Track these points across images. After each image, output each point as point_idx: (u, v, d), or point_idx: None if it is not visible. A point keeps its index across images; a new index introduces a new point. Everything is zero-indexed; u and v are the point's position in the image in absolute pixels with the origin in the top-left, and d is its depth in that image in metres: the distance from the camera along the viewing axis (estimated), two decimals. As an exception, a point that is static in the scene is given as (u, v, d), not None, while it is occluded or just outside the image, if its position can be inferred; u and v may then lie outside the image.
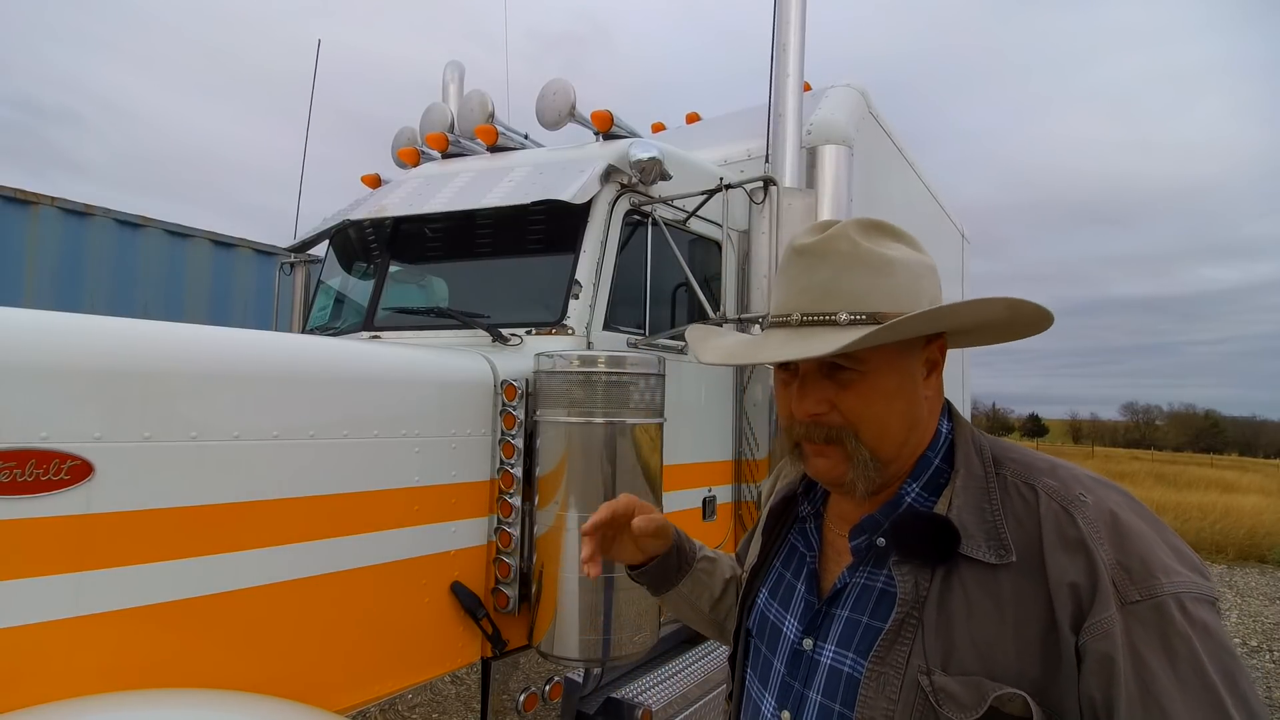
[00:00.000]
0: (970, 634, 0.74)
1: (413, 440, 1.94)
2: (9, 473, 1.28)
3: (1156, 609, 0.69)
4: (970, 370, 6.84)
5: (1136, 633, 0.69)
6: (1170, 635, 0.68)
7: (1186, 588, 0.70)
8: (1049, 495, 0.78)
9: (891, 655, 0.78)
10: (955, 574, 0.77)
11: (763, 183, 2.82)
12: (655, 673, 2.69)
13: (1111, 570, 0.71)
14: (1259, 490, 16.49)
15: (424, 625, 1.95)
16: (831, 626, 0.86)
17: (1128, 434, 77.18)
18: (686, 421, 2.78)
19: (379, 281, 2.91)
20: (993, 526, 0.78)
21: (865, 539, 0.86)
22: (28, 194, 4.99)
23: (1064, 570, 0.72)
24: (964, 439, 0.87)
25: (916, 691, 0.75)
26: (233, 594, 1.55)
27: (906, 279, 0.82)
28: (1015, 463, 0.83)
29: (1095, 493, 0.77)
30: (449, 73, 3.87)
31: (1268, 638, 6.25)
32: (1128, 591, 0.70)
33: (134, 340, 1.53)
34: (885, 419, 0.83)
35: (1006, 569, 0.75)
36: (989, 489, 0.81)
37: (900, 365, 0.84)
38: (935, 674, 0.74)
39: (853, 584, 0.87)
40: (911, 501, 0.85)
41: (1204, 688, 0.67)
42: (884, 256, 0.82)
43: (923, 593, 0.78)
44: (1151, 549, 0.72)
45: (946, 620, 0.76)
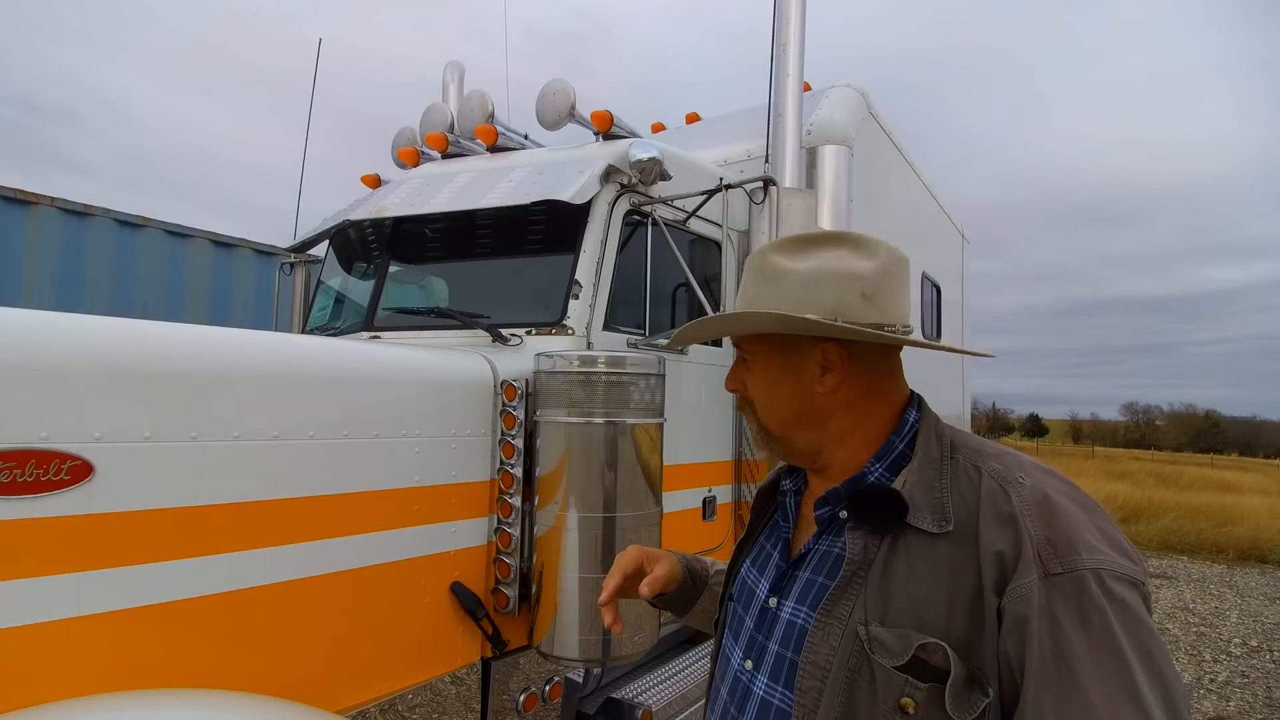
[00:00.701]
0: (908, 593, 0.84)
1: (413, 440, 1.94)
2: (9, 473, 1.28)
3: (1076, 581, 0.75)
4: (970, 370, 6.85)
5: (1056, 601, 0.75)
6: (1086, 606, 0.74)
7: (1107, 565, 0.76)
8: (990, 475, 0.87)
9: (837, 609, 0.88)
10: (901, 541, 0.87)
11: (762, 183, 2.82)
12: (655, 673, 2.69)
13: (1038, 544, 0.78)
14: (1259, 490, 16.50)
15: (424, 625, 1.95)
16: (794, 586, 0.97)
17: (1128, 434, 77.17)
18: (686, 421, 2.78)
19: (379, 281, 2.91)
20: (938, 501, 0.87)
21: (828, 509, 0.97)
22: (28, 194, 4.99)
23: (994, 540, 0.80)
24: (927, 427, 0.97)
25: (854, 640, 0.85)
26: (233, 594, 1.55)
27: (794, 288, 0.94)
28: (968, 448, 0.93)
29: (1034, 477, 0.86)
30: (449, 73, 3.87)
31: (1268, 638, 6.25)
32: (1051, 564, 0.77)
33: (134, 340, 1.53)
34: (768, 402, 1.01)
35: (945, 538, 0.84)
36: (942, 470, 0.90)
37: (781, 361, 0.99)
38: (872, 625, 0.84)
39: (815, 550, 0.98)
40: (874, 479, 0.95)
41: (1114, 655, 0.72)
42: (778, 269, 0.96)
43: (871, 555, 0.88)
44: (1078, 528, 0.79)
45: (888, 580, 0.85)
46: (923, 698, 0.79)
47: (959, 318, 6.28)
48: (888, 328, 0.92)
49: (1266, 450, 63.49)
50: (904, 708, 0.80)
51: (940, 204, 5.66)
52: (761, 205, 2.85)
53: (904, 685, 0.80)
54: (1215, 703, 4.81)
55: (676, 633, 3.01)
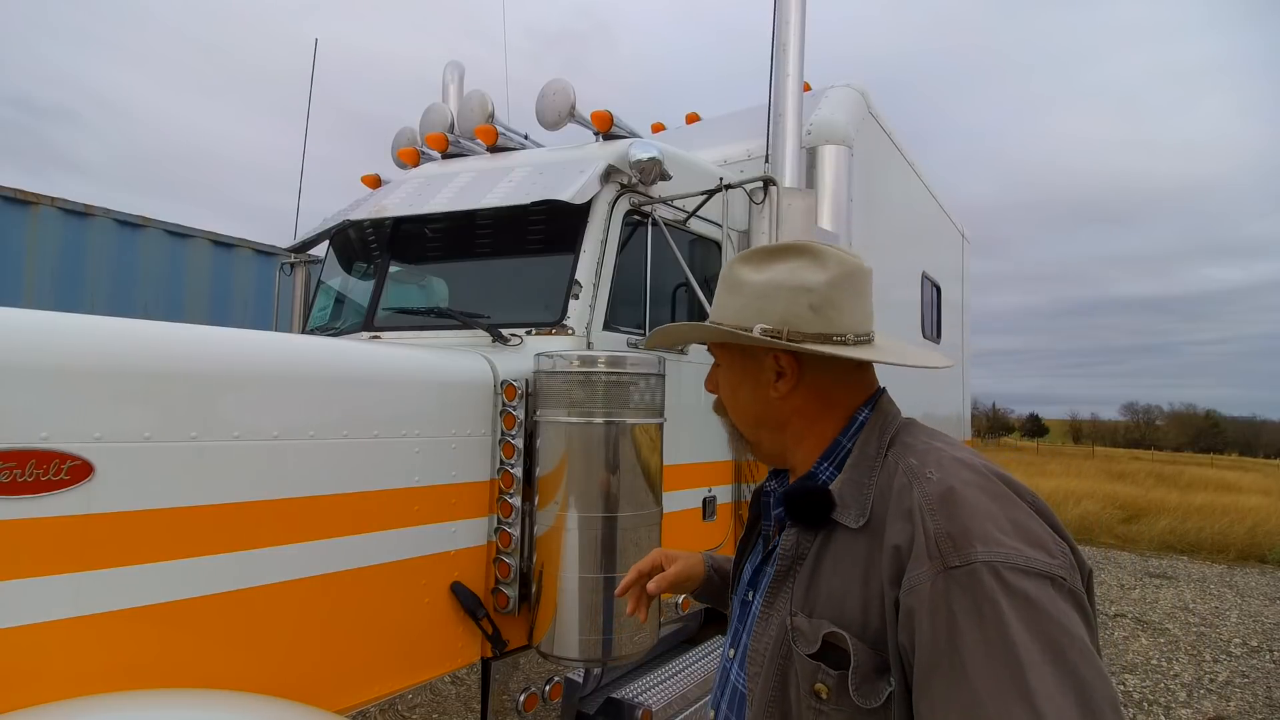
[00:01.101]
0: (829, 587, 0.90)
1: (413, 440, 1.94)
2: (9, 473, 1.28)
3: (970, 574, 0.75)
4: (970, 371, 6.85)
5: (954, 595, 0.75)
6: (980, 599, 0.74)
7: (1005, 557, 0.75)
8: (903, 471, 0.90)
9: (776, 601, 0.95)
10: (832, 537, 0.92)
11: (762, 183, 2.82)
12: (655, 673, 2.69)
13: (938, 538, 0.79)
14: (1259, 490, 16.49)
15: (424, 625, 1.95)
16: (763, 580, 1.03)
17: (1128, 434, 77.15)
18: (686, 421, 2.78)
19: (379, 281, 2.91)
20: (864, 498, 0.91)
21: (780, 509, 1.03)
22: (28, 194, 4.99)
23: (894, 535, 0.84)
24: (871, 426, 1.00)
25: (783, 630, 0.92)
26: (233, 594, 1.55)
27: (751, 298, 1.00)
28: (902, 445, 0.95)
29: (944, 470, 0.86)
30: (449, 73, 3.87)
31: (1268, 638, 6.25)
32: (950, 557, 0.77)
33: (134, 340, 1.53)
34: (733, 404, 1.08)
35: (863, 532, 0.89)
36: (873, 467, 0.94)
37: (741, 366, 1.06)
38: (797, 616, 0.91)
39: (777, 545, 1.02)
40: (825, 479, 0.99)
41: (1005, 650, 0.71)
42: (739, 280, 1.02)
43: (804, 550, 0.94)
44: (980, 522, 0.79)
45: (816, 574, 0.92)
46: (833, 683, 0.85)
47: (959, 317, 6.28)
48: (835, 338, 0.96)
49: (1266, 450, 63.47)
50: (818, 692, 0.86)
51: (940, 204, 5.66)
52: (761, 205, 2.85)
53: (816, 671, 0.86)
54: (1215, 703, 4.81)
55: (676, 633, 3.01)
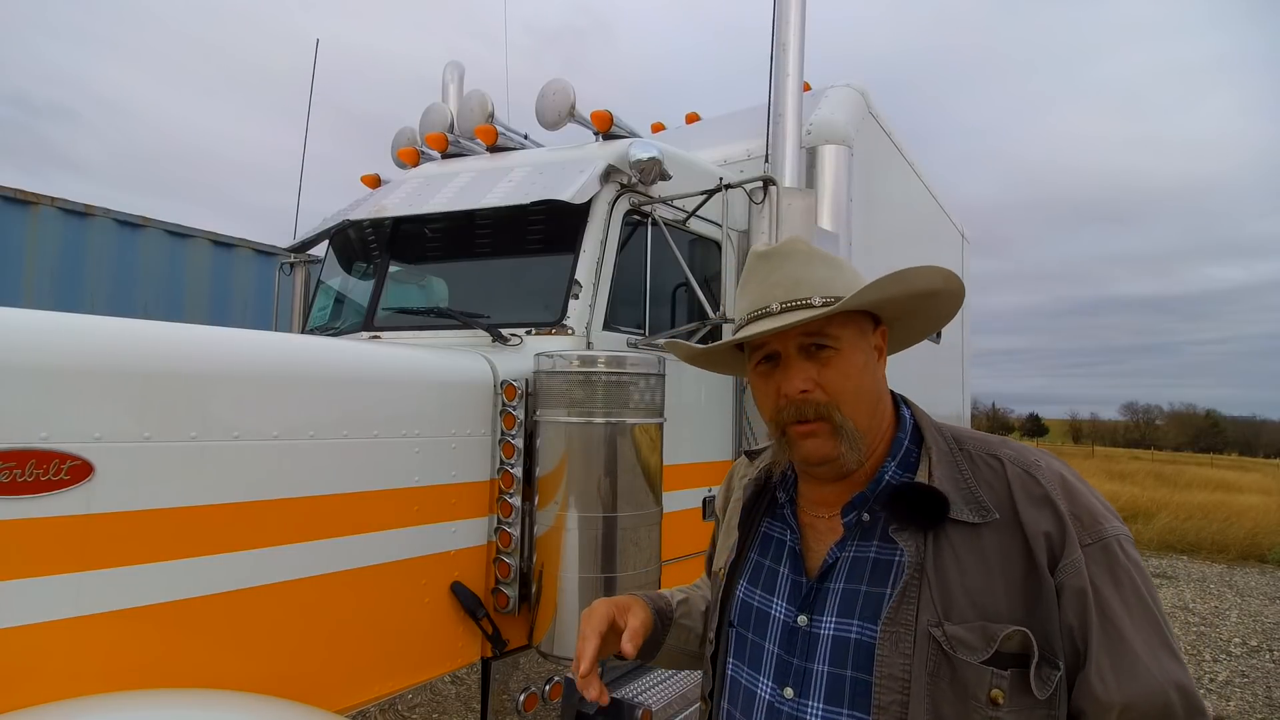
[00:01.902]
0: (964, 586, 0.85)
1: (413, 440, 1.94)
2: (9, 473, 1.28)
3: (1104, 549, 0.85)
4: (970, 370, 6.85)
5: (1091, 569, 0.83)
6: (1116, 569, 0.84)
7: (1119, 531, 0.87)
8: (1011, 461, 0.92)
9: (900, 614, 0.86)
10: (944, 536, 0.88)
11: (762, 183, 2.82)
12: (655, 673, 2.69)
13: (1071, 519, 0.86)
14: (1259, 490, 16.49)
15: (424, 625, 1.95)
16: (827, 600, 0.94)
17: (1128, 434, 77.17)
18: (686, 421, 2.78)
19: (379, 281, 2.91)
20: (968, 491, 0.90)
21: (856, 514, 0.96)
22: (27, 194, 4.99)
23: (1037, 521, 0.86)
24: (926, 423, 1.00)
25: (929, 643, 0.84)
26: (233, 594, 1.55)
27: (852, 275, 0.98)
28: (973, 439, 0.97)
29: (1044, 459, 0.93)
30: (449, 73, 3.87)
31: (1268, 637, 6.25)
32: (1082, 536, 0.85)
33: (134, 340, 1.53)
34: (859, 392, 0.95)
35: (988, 526, 0.87)
36: (957, 461, 0.94)
37: (862, 345, 0.97)
38: (945, 625, 0.84)
39: (843, 558, 0.95)
40: (890, 478, 0.96)
41: (1143, 608, 0.83)
42: (834, 257, 0.99)
43: (921, 555, 0.88)
44: (1092, 502, 0.88)
45: (942, 577, 0.86)
46: (1009, 685, 0.81)
47: (959, 317, 6.28)
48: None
49: (1266, 450, 63.48)
50: (994, 699, 0.81)
51: (940, 203, 5.65)
52: (761, 205, 2.85)
53: (991, 677, 0.81)
54: (1215, 703, 4.81)
55: (676, 632, 3.01)
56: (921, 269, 0.91)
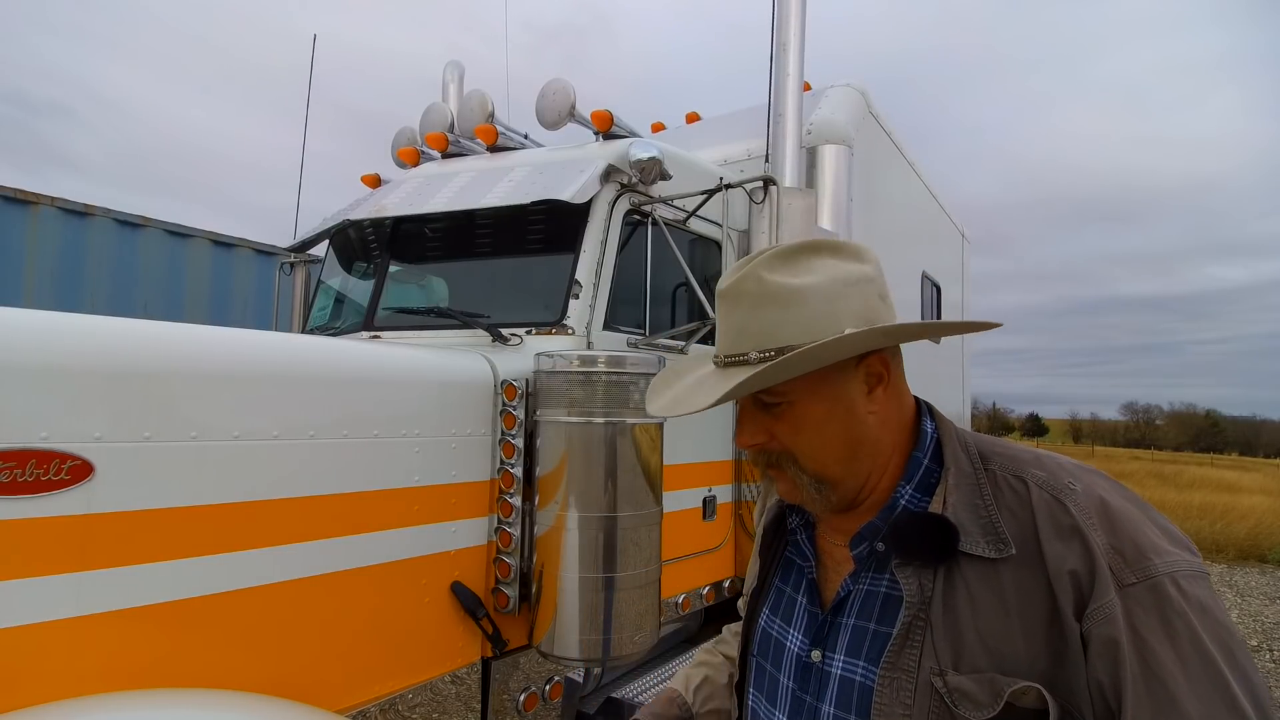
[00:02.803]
0: (977, 630, 0.75)
1: (413, 440, 1.94)
2: (9, 473, 1.28)
3: (1153, 589, 0.70)
4: (970, 370, 6.84)
5: (1136, 614, 0.69)
6: (1169, 614, 0.69)
7: (1179, 566, 0.71)
8: (1039, 485, 0.79)
9: (902, 659, 0.78)
10: (956, 571, 0.78)
11: (762, 182, 2.82)
12: (655, 673, 2.69)
13: (1106, 554, 0.72)
14: (1259, 490, 16.49)
15: (424, 625, 1.95)
16: (839, 636, 0.86)
17: (1128, 434, 77.18)
18: (686, 421, 2.77)
19: (379, 281, 2.91)
20: (988, 521, 0.79)
21: (866, 546, 0.87)
22: (27, 194, 4.99)
23: (1062, 558, 0.73)
24: (949, 437, 0.88)
25: (931, 694, 0.75)
26: (233, 594, 1.55)
27: (819, 304, 0.81)
28: (1002, 456, 0.84)
29: (1082, 480, 0.79)
30: (449, 72, 3.87)
31: (1268, 637, 6.25)
32: (1123, 574, 0.71)
33: (134, 340, 1.52)
34: (818, 444, 0.85)
35: (1005, 562, 0.76)
36: (980, 484, 0.82)
37: (826, 392, 0.84)
38: (948, 674, 0.75)
39: (856, 591, 0.87)
40: (905, 503, 0.85)
41: (1205, 664, 0.68)
42: (789, 289, 0.82)
43: (927, 593, 0.78)
44: (1141, 530, 0.74)
45: (952, 619, 0.76)
46: None
47: (959, 317, 6.28)
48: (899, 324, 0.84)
49: (1266, 450, 63.48)
50: None
51: (940, 203, 5.66)
52: (761, 205, 2.85)
53: None
54: (1215, 702, 4.81)
55: (676, 632, 3.01)
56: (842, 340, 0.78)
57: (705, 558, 2.91)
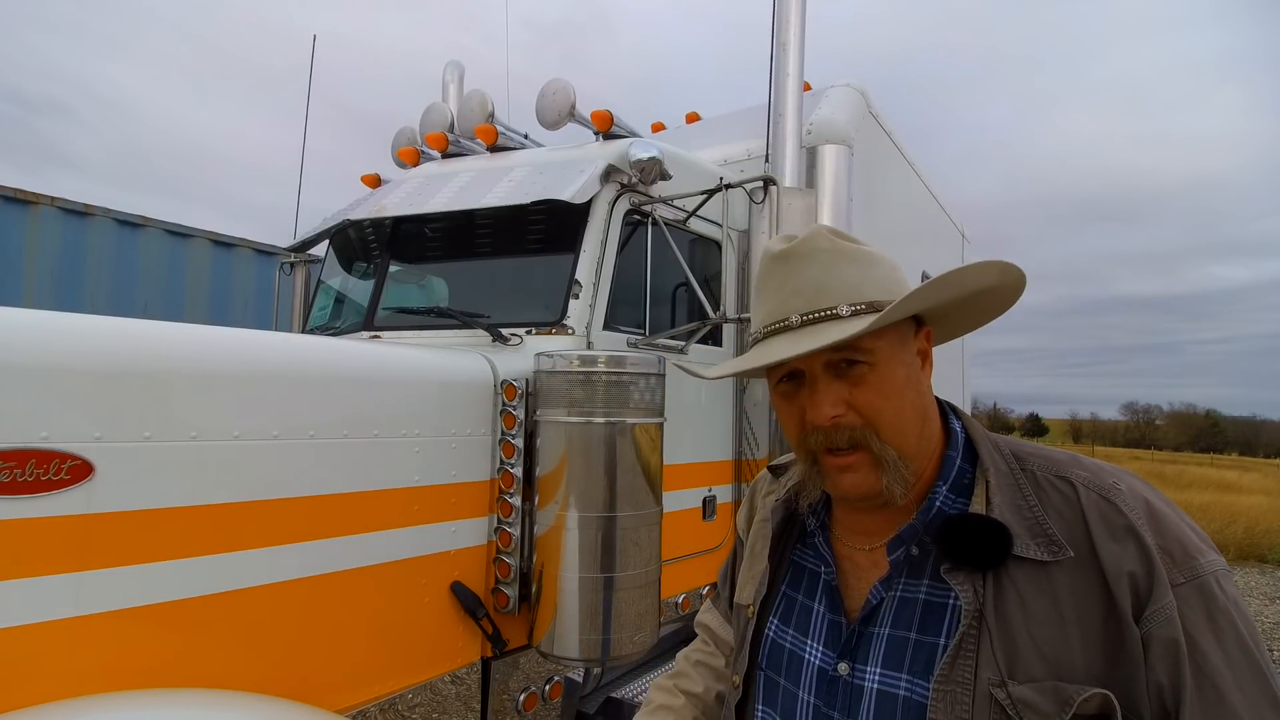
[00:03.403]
0: (1032, 637, 0.73)
1: (413, 440, 1.94)
2: (9, 473, 1.28)
3: (1200, 589, 0.71)
4: (970, 370, 6.84)
5: (1186, 614, 0.70)
6: (1215, 613, 0.70)
7: (1218, 566, 0.73)
8: (1086, 486, 0.78)
9: (956, 671, 0.74)
10: (1006, 576, 0.75)
11: (762, 182, 2.82)
12: (655, 673, 2.69)
13: (1160, 555, 0.72)
14: (1259, 490, 16.48)
15: (424, 625, 1.95)
16: (871, 647, 0.82)
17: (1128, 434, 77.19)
18: (686, 421, 2.77)
19: (379, 281, 2.91)
20: (1035, 522, 0.77)
21: (903, 550, 0.82)
22: (27, 194, 4.99)
23: (1119, 559, 0.72)
24: (980, 437, 0.86)
25: (991, 705, 0.72)
26: (233, 594, 1.55)
27: (888, 269, 0.83)
28: (1037, 457, 0.82)
29: (1124, 480, 0.79)
30: (449, 72, 3.87)
31: (1268, 637, 6.25)
32: (1173, 574, 0.71)
33: (134, 340, 1.52)
34: (901, 411, 0.81)
35: (1059, 565, 0.74)
36: (1020, 485, 0.80)
37: (903, 355, 0.83)
38: (1010, 685, 0.71)
39: (889, 598, 0.82)
40: (941, 504, 0.82)
41: (1248, 661, 0.70)
42: (864, 251, 0.83)
43: (980, 600, 0.75)
44: (1183, 531, 0.75)
45: (1005, 626, 0.74)
46: None
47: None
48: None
49: (1266, 450, 63.48)
50: None
51: (940, 203, 5.66)
52: (761, 205, 2.85)
53: None
54: (1215, 702, 4.81)
55: (676, 632, 3.01)
56: (972, 268, 0.78)
57: (705, 558, 2.92)
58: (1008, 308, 0.87)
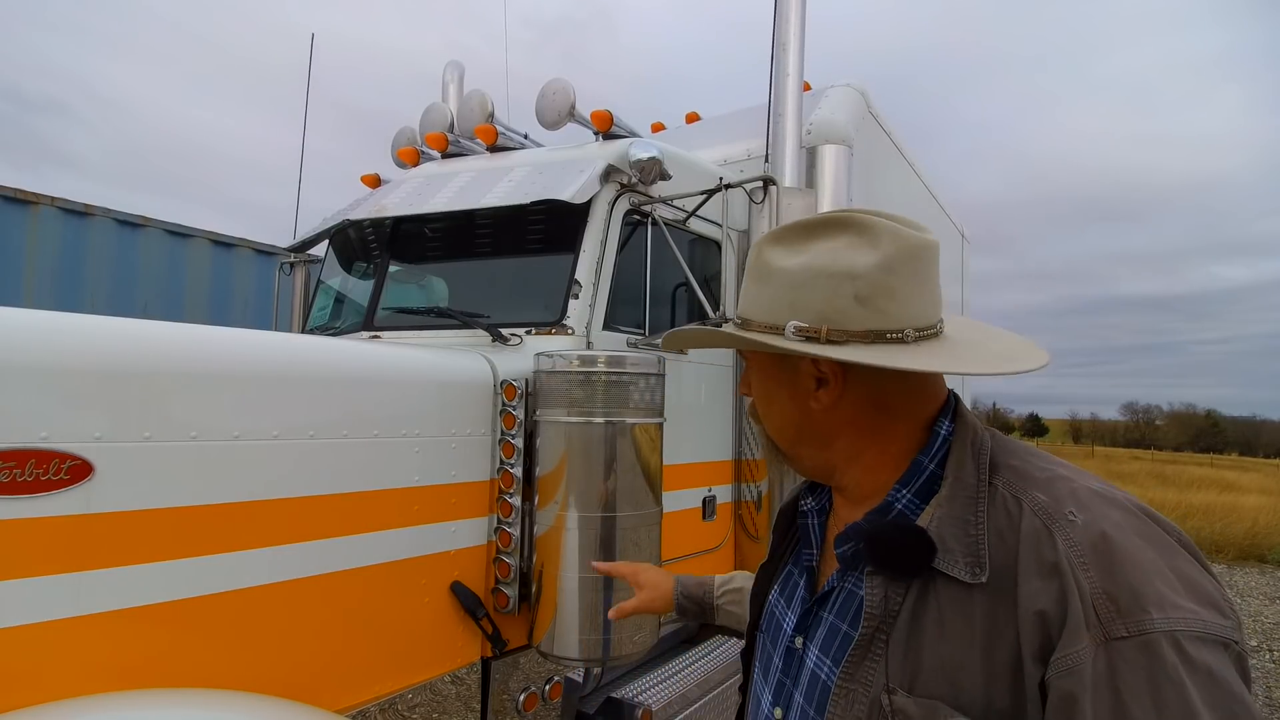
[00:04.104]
0: (940, 655, 0.70)
1: (413, 440, 1.94)
2: (9, 473, 1.28)
3: (1145, 647, 0.60)
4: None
5: (1121, 673, 0.60)
6: (1159, 679, 0.59)
7: (1187, 625, 0.61)
8: (1034, 511, 0.71)
9: (860, 671, 0.75)
10: (931, 589, 0.72)
11: (762, 182, 2.82)
12: (655, 673, 2.69)
13: (1095, 599, 0.63)
14: (1259, 490, 16.49)
15: (424, 625, 1.95)
16: (818, 629, 0.85)
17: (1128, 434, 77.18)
18: (686, 421, 2.78)
19: (379, 281, 2.91)
20: (974, 541, 0.72)
21: (850, 546, 0.82)
22: (27, 194, 4.99)
23: (1035, 596, 0.66)
24: (962, 442, 0.80)
25: (877, 711, 0.72)
26: (233, 594, 1.55)
27: (782, 289, 0.80)
28: (1011, 470, 0.76)
29: (1091, 510, 0.69)
30: (449, 72, 3.87)
31: (1268, 638, 6.25)
32: (1113, 626, 0.61)
33: (134, 340, 1.53)
34: (766, 409, 0.91)
35: (980, 588, 0.70)
36: (978, 499, 0.75)
37: (775, 373, 0.88)
38: (898, 694, 0.71)
39: (840, 588, 0.84)
40: (901, 508, 0.80)
41: None
42: (768, 268, 0.82)
43: (894, 607, 0.74)
44: (1148, 578, 0.63)
45: (917, 638, 0.72)
46: None
47: (958, 317, 6.28)
48: (890, 335, 0.76)
49: (1266, 450, 63.48)
50: None
51: (940, 203, 5.66)
52: (761, 205, 2.85)
53: None
54: (1215, 702, 4.81)
55: (676, 632, 3.01)
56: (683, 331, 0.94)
57: (705, 558, 2.92)
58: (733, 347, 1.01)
